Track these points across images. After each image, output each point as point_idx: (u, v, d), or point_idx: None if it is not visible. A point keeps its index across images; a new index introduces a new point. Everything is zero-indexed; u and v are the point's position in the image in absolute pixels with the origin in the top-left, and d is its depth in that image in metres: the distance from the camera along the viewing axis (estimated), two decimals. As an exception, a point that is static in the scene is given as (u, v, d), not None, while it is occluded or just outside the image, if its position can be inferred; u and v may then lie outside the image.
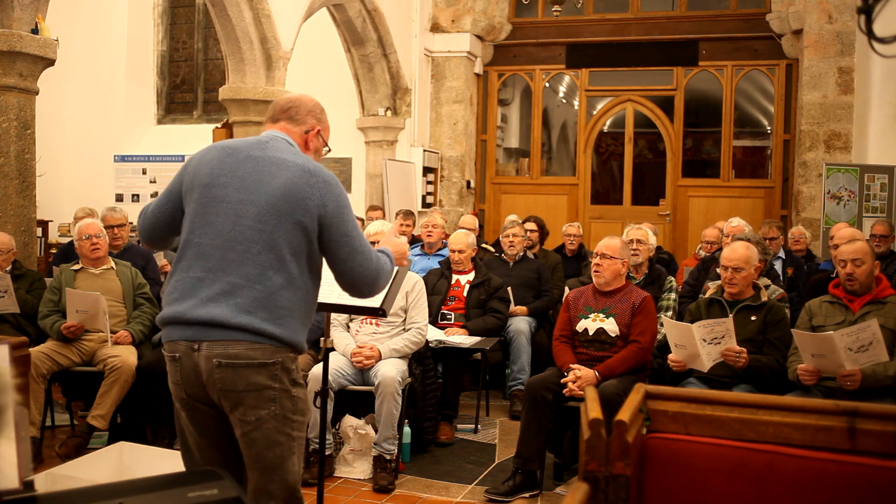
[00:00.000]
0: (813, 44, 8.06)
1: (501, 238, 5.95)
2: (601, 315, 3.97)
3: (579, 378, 3.76)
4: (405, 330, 4.23)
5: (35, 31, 4.75)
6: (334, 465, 4.07)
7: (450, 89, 9.24)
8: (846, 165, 7.65)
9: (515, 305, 5.48)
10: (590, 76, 9.36)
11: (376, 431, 3.94)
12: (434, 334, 4.73)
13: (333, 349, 4.10)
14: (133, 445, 3.52)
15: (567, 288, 4.67)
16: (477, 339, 4.88)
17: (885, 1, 1.40)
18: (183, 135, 9.74)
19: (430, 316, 4.63)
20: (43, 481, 2.94)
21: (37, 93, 4.94)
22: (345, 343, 4.17)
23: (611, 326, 3.93)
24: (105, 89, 9.76)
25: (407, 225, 6.57)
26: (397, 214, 6.84)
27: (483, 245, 6.69)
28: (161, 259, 5.24)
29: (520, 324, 5.33)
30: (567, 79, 9.79)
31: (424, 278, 4.78)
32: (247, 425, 2.12)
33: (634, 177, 9.30)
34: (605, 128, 9.61)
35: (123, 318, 4.51)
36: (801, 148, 8.22)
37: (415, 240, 6.58)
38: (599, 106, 9.46)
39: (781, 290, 4.42)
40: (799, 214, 8.15)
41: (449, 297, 5.22)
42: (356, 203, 8.36)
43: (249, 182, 2.16)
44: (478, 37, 9.32)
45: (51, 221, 8.85)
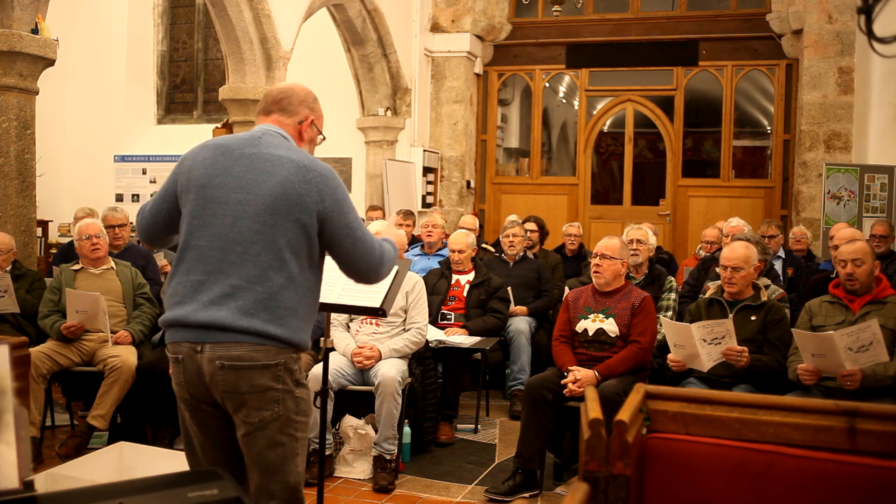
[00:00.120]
0: (813, 44, 8.06)
1: (501, 238, 5.95)
2: (601, 315, 3.97)
3: (579, 380, 3.77)
4: (405, 330, 4.23)
5: (35, 31, 4.75)
6: (334, 465, 4.07)
7: (450, 89, 9.24)
8: (846, 165, 7.64)
9: (515, 305, 5.48)
10: (590, 76, 9.36)
11: (376, 431, 3.94)
12: (434, 334, 4.73)
13: (333, 349, 4.10)
14: (133, 445, 3.52)
15: (567, 288, 4.67)
16: (477, 339, 4.88)
17: (886, 1, 1.40)
18: (183, 135, 9.72)
19: (430, 316, 4.63)
20: (43, 481, 2.94)
21: (37, 93, 4.94)
22: (345, 343, 4.17)
23: (610, 327, 3.93)
24: (105, 89, 9.76)
25: (407, 225, 6.57)
26: (397, 214, 6.83)
27: (483, 245, 6.69)
28: (161, 259, 5.24)
29: (520, 324, 5.33)
30: (567, 79, 9.79)
31: (424, 278, 4.78)
32: (250, 426, 2.12)
33: (634, 177, 9.30)
34: (605, 128, 9.60)
35: (123, 318, 4.51)
36: (801, 148, 8.21)
37: (415, 240, 6.58)
38: (599, 106, 9.46)
39: (781, 290, 4.43)
40: (799, 214, 8.15)
41: (449, 297, 5.22)
42: (356, 203, 8.24)
43: (245, 181, 2.15)
44: (478, 37, 9.32)
45: (51, 221, 8.85)
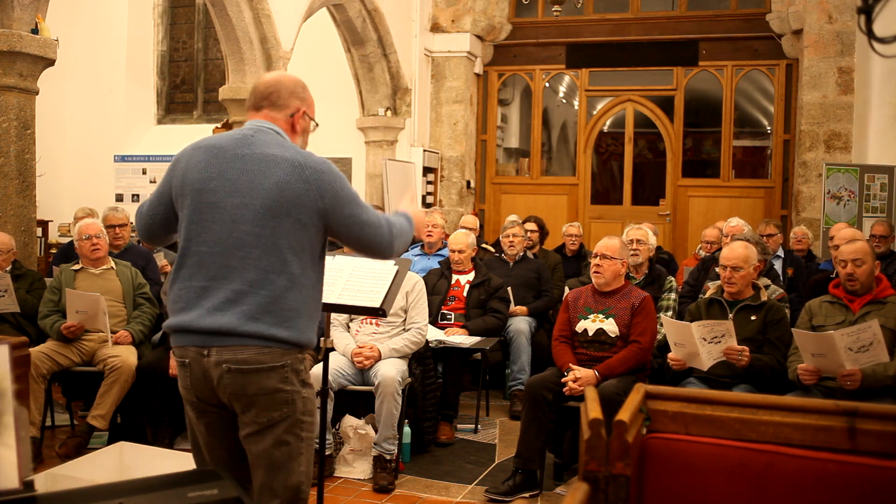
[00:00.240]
0: (813, 44, 8.06)
1: (501, 238, 5.95)
2: (601, 315, 3.97)
3: (579, 378, 3.77)
4: (405, 330, 4.23)
5: (35, 31, 4.75)
6: (334, 465, 4.07)
7: (450, 89, 9.23)
8: (846, 165, 7.64)
9: (515, 305, 5.48)
10: (590, 76, 9.36)
11: (376, 431, 3.94)
12: (434, 334, 4.73)
13: (333, 349, 4.10)
14: (133, 445, 3.52)
15: (567, 288, 4.67)
16: (477, 339, 4.88)
17: (886, 1, 1.40)
18: (183, 135, 9.69)
19: (430, 316, 4.63)
20: (43, 481, 2.94)
21: (37, 93, 4.94)
22: (345, 343, 4.17)
23: (610, 327, 3.93)
24: (105, 89, 9.76)
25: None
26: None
27: (483, 245, 6.69)
28: (161, 259, 5.24)
29: (520, 324, 5.33)
30: (567, 79, 9.79)
31: (424, 278, 4.78)
32: (258, 425, 2.12)
33: (634, 177, 9.30)
34: (605, 128, 9.60)
35: (123, 318, 4.51)
36: (801, 148, 8.21)
37: (415, 240, 6.57)
38: (599, 106, 9.45)
39: (781, 290, 4.43)
40: (799, 214, 8.15)
41: (449, 297, 5.22)
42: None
43: (241, 185, 2.13)
44: (478, 37, 9.32)
45: (51, 221, 8.85)
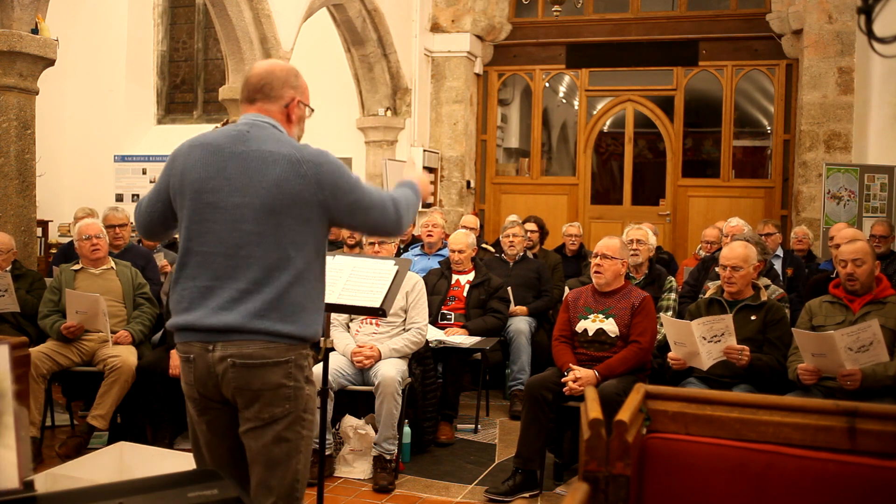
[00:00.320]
0: (813, 44, 8.06)
1: (501, 238, 5.95)
2: (601, 315, 3.97)
3: (579, 378, 3.77)
4: (405, 330, 4.23)
5: (35, 31, 4.75)
6: (334, 465, 4.07)
7: (450, 89, 9.23)
8: (846, 165, 7.64)
9: (515, 305, 5.48)
10: (590, 76, 9.35)
11: (376, 431, 3.94)
12: (434, 334, 4.73)
13: (333, 349, 4.10)
14: (133, 445, 3.52)
15: (567, 288, 4.67)
16: (477, 339, 4.88)
17: (886, 1, 1.40)
18: (183, 135, 9.51)
19: (430, 316, 4.62)
20: (43, 481, 2.94)
21: (37, 93, 4.94)
22: (345, 343, 4.17)
23: (610, 327, 3.93)
24: (105, 89, 9.75)
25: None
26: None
27: (483, 245, 6.69)
28: (161, 259, 5.24)
29: (520, 324, 5.33)
30: (567, 79, 9.78)
31: (424, 278, 4.78)
32: (260, 421, 2.12)
33: (634, 177, 9.29)
34: (605, 128, 9.59)
35: (123, 318, 4.51)
36: (801, 148, 8.21)
37: (415, 240, 6.58)
38: (599, 106, 9.45)
39: (781, 290, 4.43)
40: (799, 214, 8.15)
41: (449, 297, 5.22)
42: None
43: (239, 183, 2.13)
44: (478, 37, 9.31)
45: (51, 221, 8.85)
